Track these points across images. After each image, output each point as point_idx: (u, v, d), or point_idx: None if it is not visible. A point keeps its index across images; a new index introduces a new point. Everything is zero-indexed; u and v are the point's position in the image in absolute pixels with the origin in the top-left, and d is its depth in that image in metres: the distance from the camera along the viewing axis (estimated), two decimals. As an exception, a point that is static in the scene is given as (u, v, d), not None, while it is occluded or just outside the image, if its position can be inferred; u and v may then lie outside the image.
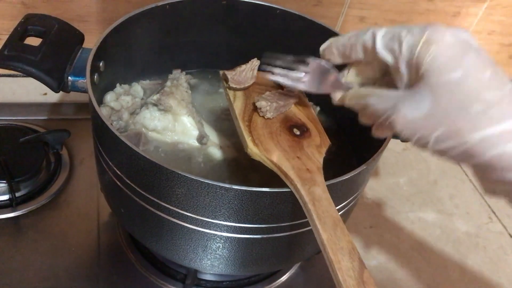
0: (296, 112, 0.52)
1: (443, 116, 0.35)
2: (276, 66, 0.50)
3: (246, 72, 0.53)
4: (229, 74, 0.53)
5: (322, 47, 0.45)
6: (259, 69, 0.54)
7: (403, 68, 0.38)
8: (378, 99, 0.39)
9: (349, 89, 0.44)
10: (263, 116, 0.49)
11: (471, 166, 0.37)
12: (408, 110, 0.36)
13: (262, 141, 0.47)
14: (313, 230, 0.39)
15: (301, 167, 0.44)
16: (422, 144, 0.37)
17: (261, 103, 0.49)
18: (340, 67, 0.46)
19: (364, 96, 0.41)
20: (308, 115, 0.52)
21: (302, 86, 0.48)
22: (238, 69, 0.53)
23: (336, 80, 0.45)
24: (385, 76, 0.43)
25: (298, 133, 0.49)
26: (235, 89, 0.53)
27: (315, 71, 0.46)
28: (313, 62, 0.46)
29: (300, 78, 0.47)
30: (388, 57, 0.38)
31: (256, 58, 0.54)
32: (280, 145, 0.46)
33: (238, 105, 0.51)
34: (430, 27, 0.36)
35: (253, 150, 0.46)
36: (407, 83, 0.38)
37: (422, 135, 0.37)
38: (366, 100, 0.40)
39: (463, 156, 0.36)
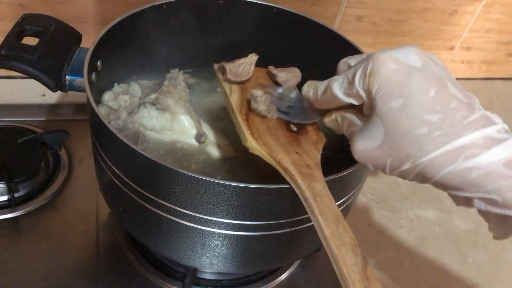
0: None
1: (392, 144, 0.36)
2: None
3: (245, 65, 0.53)
4: (228, 66, 0.52)
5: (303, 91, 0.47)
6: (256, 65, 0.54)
7: (365, 106, 0.39)
8: (347, 127, 0.42)
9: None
10: (255, 109, 0.49)
11: (433, 185, 0.38)
12: (361, 143, 0.39)
13: (260, 135, 0.46)
14: (315, 226, 0.39)
15: (300, 163, 0.44)
16: (379, 169, 0.39)
17: (257, 92, 0.48)
18: None
19: (340, 120, 0.43)
20: None
21: (288, 118, 0.49)
22: (237, 61, 0.53)
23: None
24: None
25: (295, 129, 0.49)
26: (231, 82, 0.52)
27: (300, 102, 0.50)
28: (296, 95, 0.49)
29: (286, 109, 0.50)
30: (352, 101, 0.40)
31: (254, 53, 0.54)
32: (278, 140, 0.46)
33: (234, 99, 0.50)
34: (372, 58, 0.37)
35: (252, 144, 0.46)
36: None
37: (376, 164, 0.39)
38: (341, 126, 0.43)
39: (419, 178, 0.37)
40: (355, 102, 0.40)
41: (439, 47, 1.02)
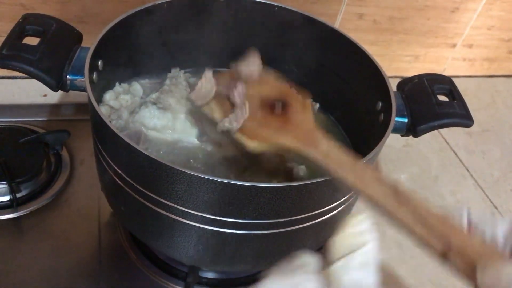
0: (267, 92, 0.53)
1: None
2: None
3: (204, 85, 0.55)
4: (192, 95, 0.55)
5: None
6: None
7: None
8: None
9: None
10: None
11: None
12: None
13: (256, 134, 0.49)
14: (337, 180, 0.41)
15: (298, 136, 0.46)
16: None
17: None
18: None
19: None
20: (277, 88, 0.53)
21: None
22: (196, 87, 0.55)
23: None
24: None
25: (280, 110, 0.50)
26: (205, 105, 0.54)
27: None
28: None
29: None
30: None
31: (207, 69, 0.56)
32: (271, 127, 0.49)
33: (218, 116, 0.53)
34: None
35: (253, 145, 0.48)
36: None
37: None
38: None
39: None
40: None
41: (441, 45, 1.02)
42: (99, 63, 0.54)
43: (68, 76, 0.51)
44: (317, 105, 0.68)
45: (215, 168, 0.55)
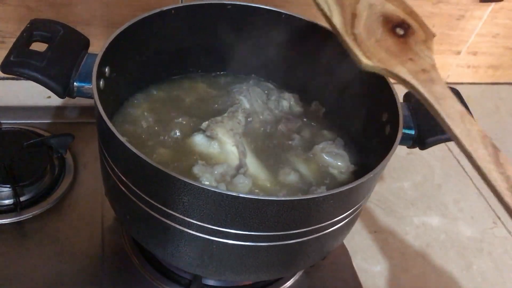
0: (392, 9, 0.49)
1: None
2: None
3: None
4: None
5: None
6: None
7: None
8: None
9: None
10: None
11: None
12: None
13: (372, 53, 0.45)
14: (443, 127, 0.41)
15: (416, 69, 0.44)
16: None
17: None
18: None
19: None
20: (405, 9, 0.50)
21: None
22: None
23: None
24: None
25: (402, 32, 0.47)
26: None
27: None
28: None
29: None
30: None
31: None
32: (390, 51, 0.46)
33: (337, 21, 0.48)
34: None
35: (368, 64, 0.45)
36: None
37: None
38: None
39: None
40: None
41: (445, 52, 1.02)
42: (106, 70, 0.53)
43: (75, 83, 0.51)
44: (323, 109, 0.68)
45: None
